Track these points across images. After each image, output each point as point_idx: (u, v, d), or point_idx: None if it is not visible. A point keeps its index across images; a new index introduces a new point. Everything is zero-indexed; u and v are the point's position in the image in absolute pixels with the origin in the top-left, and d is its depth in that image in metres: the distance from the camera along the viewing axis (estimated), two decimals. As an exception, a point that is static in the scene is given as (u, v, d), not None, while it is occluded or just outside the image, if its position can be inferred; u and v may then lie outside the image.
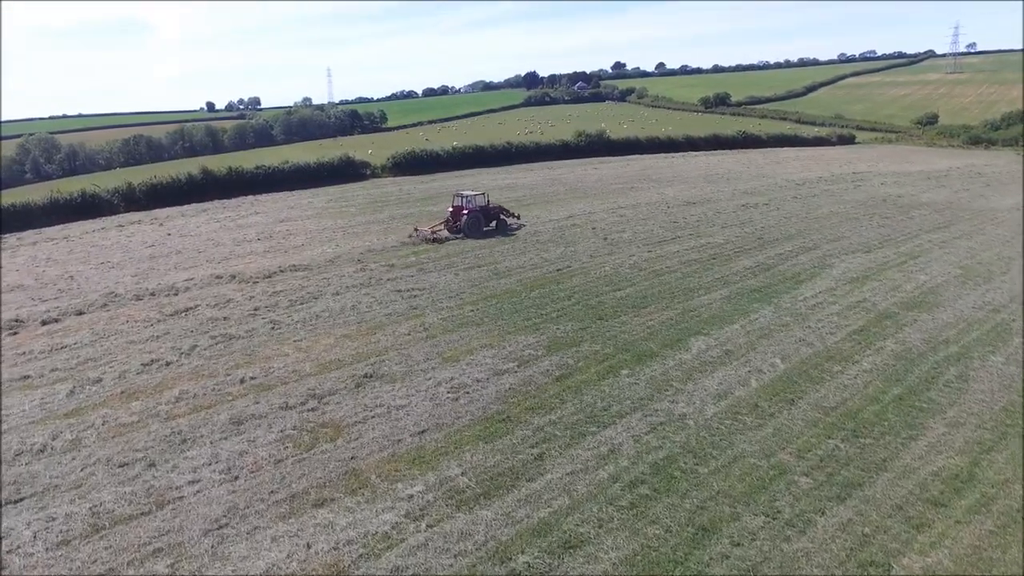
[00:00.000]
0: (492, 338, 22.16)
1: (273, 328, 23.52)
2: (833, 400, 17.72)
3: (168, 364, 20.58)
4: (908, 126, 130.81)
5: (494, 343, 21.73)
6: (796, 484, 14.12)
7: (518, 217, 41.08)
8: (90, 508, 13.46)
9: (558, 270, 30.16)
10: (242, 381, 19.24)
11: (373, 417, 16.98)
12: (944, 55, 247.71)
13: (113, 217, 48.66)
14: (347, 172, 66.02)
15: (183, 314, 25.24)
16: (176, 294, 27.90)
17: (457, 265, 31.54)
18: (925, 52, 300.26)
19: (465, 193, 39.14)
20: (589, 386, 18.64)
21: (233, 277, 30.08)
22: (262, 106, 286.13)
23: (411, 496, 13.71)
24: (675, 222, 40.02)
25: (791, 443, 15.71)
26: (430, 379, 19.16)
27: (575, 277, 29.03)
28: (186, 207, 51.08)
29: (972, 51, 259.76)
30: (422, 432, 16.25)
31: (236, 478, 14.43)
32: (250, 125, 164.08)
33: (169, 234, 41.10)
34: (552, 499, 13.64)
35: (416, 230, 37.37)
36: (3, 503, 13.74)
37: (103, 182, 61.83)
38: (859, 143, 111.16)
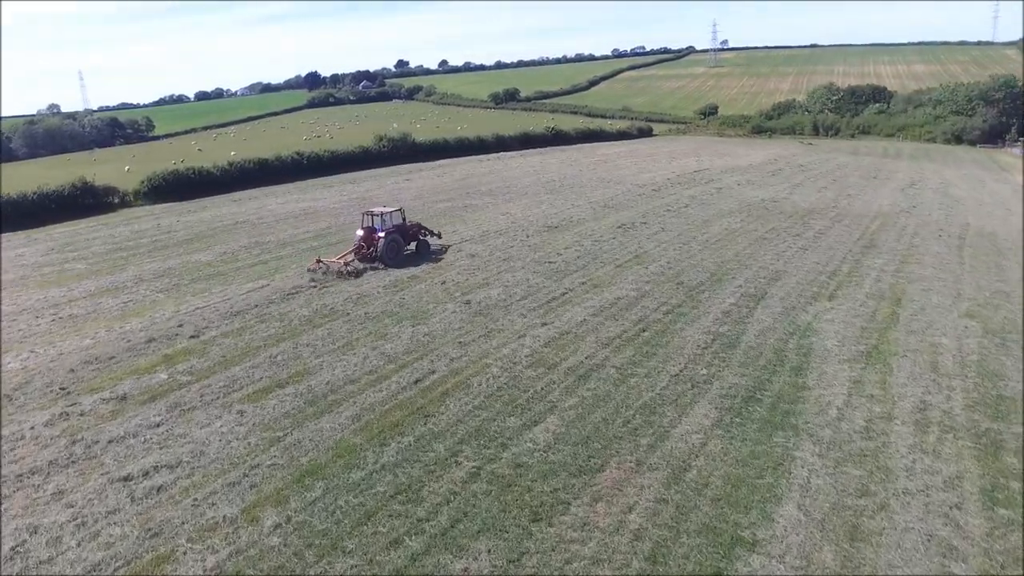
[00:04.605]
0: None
1: None
2: None
3: None
4: (692, 117, 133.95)
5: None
6: None
7: (439, 236, 32.91)
8: None
9: (416, 381, 17.84)
10: None
11: None
12: (705, 51, 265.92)
13: None
14: (85, 203, 47.55)
15: None
16: None
17: (240, 382, 17.94)
18: (687, 48, 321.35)
19: (377, 210, 30.34)
20: None
21: None
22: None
23: None
24: (550, 262, 28.94)
25: None
26: None
27: (449, 397, 16.90)
28: None
29: (726, 48, 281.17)
30: None
31: None
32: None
33: None
34: None
35: (319, 262, 28.47)
36: None
37: None
38: (656, 135, 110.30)
